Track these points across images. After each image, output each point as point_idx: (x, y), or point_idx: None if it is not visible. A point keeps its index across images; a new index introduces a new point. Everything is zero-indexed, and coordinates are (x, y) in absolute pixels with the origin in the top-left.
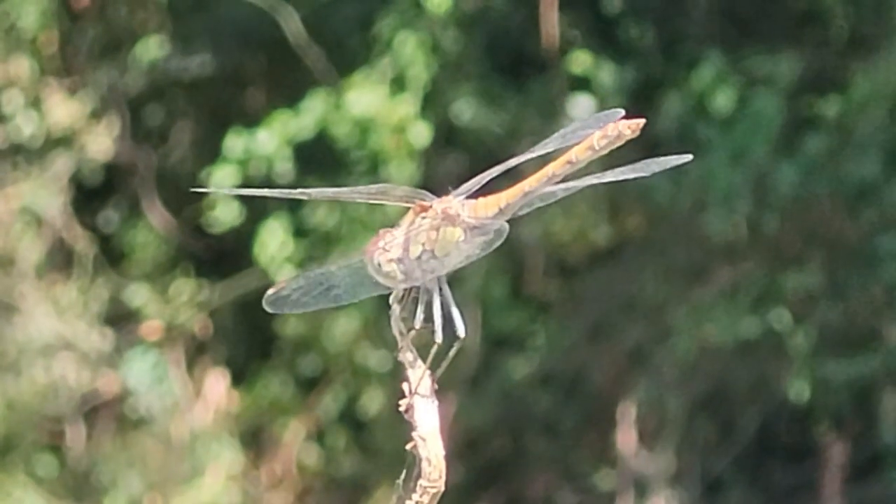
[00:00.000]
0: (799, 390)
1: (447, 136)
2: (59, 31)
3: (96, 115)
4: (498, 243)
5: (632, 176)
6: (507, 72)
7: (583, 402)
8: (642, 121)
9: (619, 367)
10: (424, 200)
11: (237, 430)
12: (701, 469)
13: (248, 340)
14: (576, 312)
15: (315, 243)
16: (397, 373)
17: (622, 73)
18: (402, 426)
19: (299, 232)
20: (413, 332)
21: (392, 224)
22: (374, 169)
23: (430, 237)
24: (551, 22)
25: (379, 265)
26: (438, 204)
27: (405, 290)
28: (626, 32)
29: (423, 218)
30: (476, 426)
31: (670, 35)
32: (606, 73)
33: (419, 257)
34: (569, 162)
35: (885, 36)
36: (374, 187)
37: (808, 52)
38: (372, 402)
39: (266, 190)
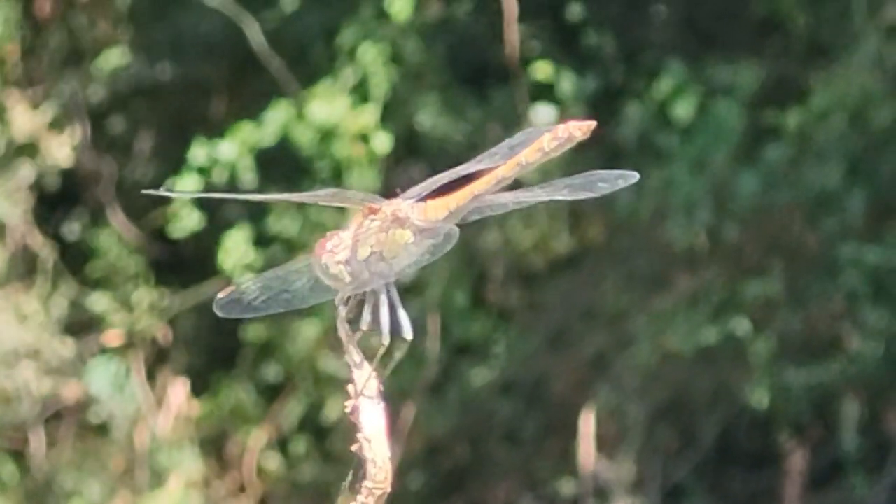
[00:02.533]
0: (759, 398)
1: (409, 144)
2: (21, 41)
3: (59, 123)
4: (448, 248)
5: (581, 196)
6: (469, 81)
7: (544, 410)
8: (592, 123)
9: (580, 375)
10: (374, 203)
11: (198, 438)
12: (661, 476)
13: (210, 348)
14: (537, 320)
15: (277, 251)
16: None
17: (583, 81)
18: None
19: (262, 240)
20: (359, 334)
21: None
22: (336, 177)
23: (378, 239)
24: (513, 31)
25: (326, 266)
26: (388, 206)
27: (350, 291)
28: (587, 41)
29: (373, 220)
30: (437, 434)
31: (631, 44)
32: (568, 82)
33: (367, 259)
34: (518, 164)
35: (845, 45)
36: (327, 191)
37: (769, 61)
38: (334, 409)
39: (226, 194)
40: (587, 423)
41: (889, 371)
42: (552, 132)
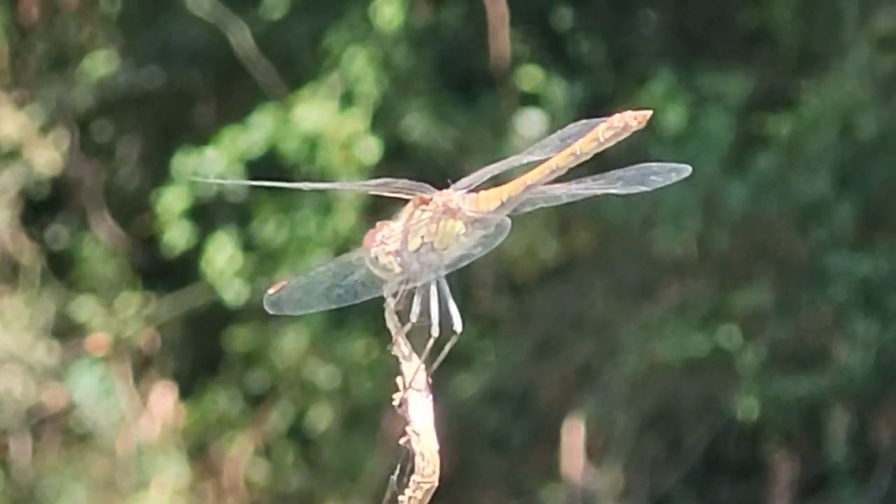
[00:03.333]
0: (748, 408)
1: (397, 151)
2: (8, 46)
3: (45, 129)
4: (500, 239)
5: (634, 190)
6: (458, 87)
7: (531, 419)
8: (649, 112)
9: (568, 384)
10: (425, 193)
11: (184, 445)
12: (649, 486)
13: (195, 355)
14: (525, 329)
15: (263, 258)
16: (345, 389)
17: (572, 89)
18: (349, 442)
19: (248, 247)
20: (409, 326)
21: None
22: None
23: (429, 230)
24: (502, 38)
25: (376, 258)
26: (439, 197)
27: (400, 283)
28: (576, 48)
29: (424, 211)
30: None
31: (621, 51)
32: (557, 89)
33: (418, 250)
34: (573, 154)
35: (835, 54)
36: (375, 181)
37: (759, 69)
38: (320, 417)
39: (265, 181)
40: (574, 432)
41: (878, 382)
42: (608, 122)
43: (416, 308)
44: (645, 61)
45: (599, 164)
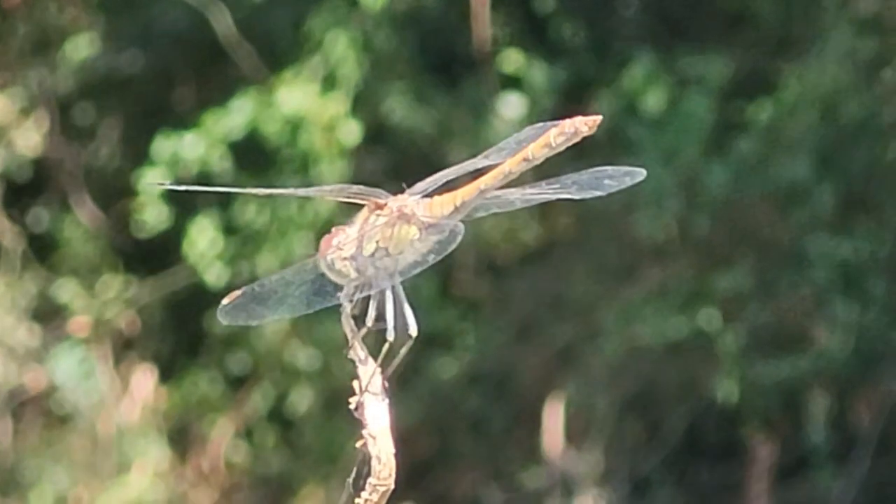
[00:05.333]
0: (728, 391)
1: (378, 134)
2: None
3: (26, 111)
4: (454, 245)
5: (589, 195)
6: (439, 71)
7: (511, 402)
8: (599, 117)
9: (548, 367)
10: (380, 198)
11: (164, 427)
12: (629, 468)
13: (176, 337)
14: (505, 312)
15: (245, 241)
16: (326, 371)
17: (553, 72)
18: (330, 424)
19: (229, 229)
20: (364, 330)
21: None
22: (304, 167)
23: (384, 235)
24: (483, 21)
25: (332, 262)
26: (393, 202)
27: (356, 288)
28: (557, 32)
29: (378, 216)
30: (404, 425)
31: (602, 34)
32: (538, 73)
33: (373, 255)
34: (525, 159)
35: (816, 38)
36: (330, 187)
37: (740, 53)
38: (301, 400)
39: (223, 188)
40: (554, 415)
41: (858, 365)
42: (559, 127)
43: (371, 313)
44: (626, 44)
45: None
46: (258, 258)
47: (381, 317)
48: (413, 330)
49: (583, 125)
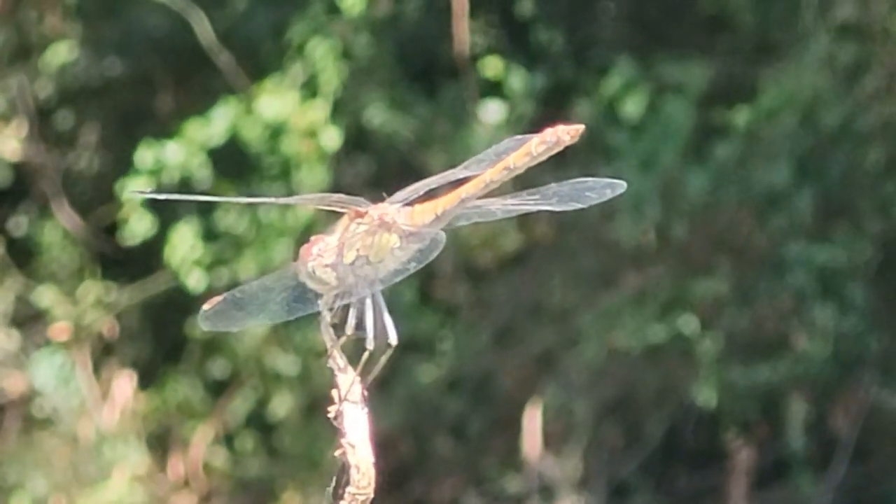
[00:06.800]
0: (706, 396)
1: (358, 140)
2: None
3: (5, 117)
4: (434, 254)
5: (570, 207)
6: (419, 77)
7: (490, 407)
8: (581, 127)
9: (527, 372)
10: (360, 207)
11: (144, 432)
12: (607, 473)
13: (156, 342)
14: (484, 317)
15: (225, 247)
16: (306, 377)
17: (533, 78)
18: (309, 430)
19: (209, 235)
20: (343, 339)
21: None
22: (285, 173)
23: (365, 243)
24: (463, 28)
25: (312, 271)
26: (374, 210)
27: (336, 296)
28: (536, 38)
29: (359, 224)
30: (383, 430)
31: (581, 41)
32: (517, 79)
33: (353, 263)
34: (506, 168)
35: (794, 44)
36: (311, 195)
37: (718, 59)
38: (280, 405)
39: (203, 196)
40: (533, 420)
41: (836, 370)
42: (540, 136)
43: (351, 321)
44: (605, 50)
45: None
46: (239, 264)
47: (360, 325)
48: (393, 338)
49: (565, 134)
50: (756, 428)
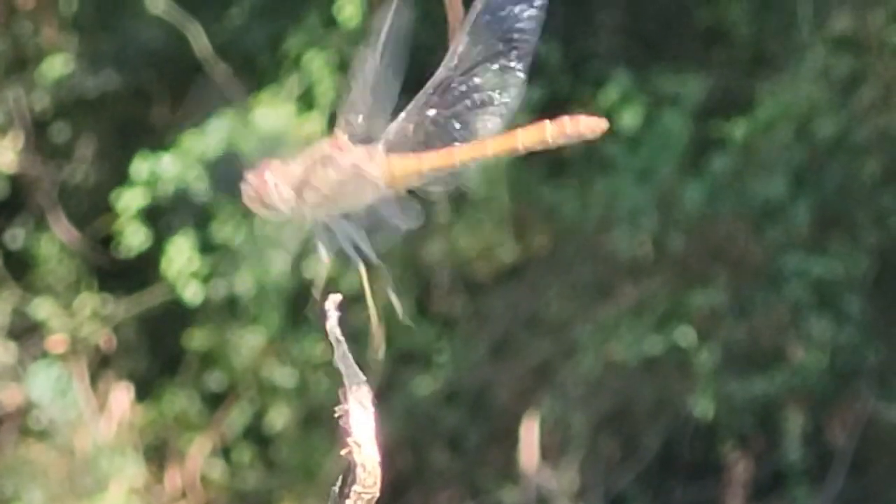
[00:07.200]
0: (703, 408)
1: None
2: None
3: (2, 129)
4: (404, 229)
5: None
6: (414, 89)
7: (487, 419)
8: (605, 124)
9: (524, 384)
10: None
11: (141, 444)
12: (604, 485)
13: (153, 355)
14: (481, 329)
15: (222, 259)
16: (303, 389)
17: (529, 90)
18: (307, 442)
19: (206, 248)
20: (342, 344)
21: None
22: None
23: (318, 175)
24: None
25: (268, 196)
26: (349, 152)
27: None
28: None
29: (328, 160)
30: (380, 442)
31: (577, 53)
32: None
33: (310, 195)
34: (513, 147)
35: (790, 56)
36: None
37: (715, 71)
38: (278, 417)
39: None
40: (530, 432)
41: (833, 382)
42: (559, 127)
43: (322, 252)
44: (601, 63)
45: None
46: (235, 277)
47: (339, 256)
48: (373, 258)
49: (587, 130)
50: (753, 440)
